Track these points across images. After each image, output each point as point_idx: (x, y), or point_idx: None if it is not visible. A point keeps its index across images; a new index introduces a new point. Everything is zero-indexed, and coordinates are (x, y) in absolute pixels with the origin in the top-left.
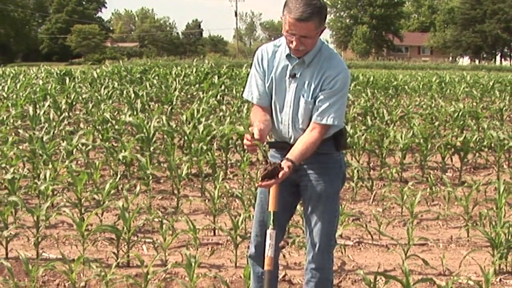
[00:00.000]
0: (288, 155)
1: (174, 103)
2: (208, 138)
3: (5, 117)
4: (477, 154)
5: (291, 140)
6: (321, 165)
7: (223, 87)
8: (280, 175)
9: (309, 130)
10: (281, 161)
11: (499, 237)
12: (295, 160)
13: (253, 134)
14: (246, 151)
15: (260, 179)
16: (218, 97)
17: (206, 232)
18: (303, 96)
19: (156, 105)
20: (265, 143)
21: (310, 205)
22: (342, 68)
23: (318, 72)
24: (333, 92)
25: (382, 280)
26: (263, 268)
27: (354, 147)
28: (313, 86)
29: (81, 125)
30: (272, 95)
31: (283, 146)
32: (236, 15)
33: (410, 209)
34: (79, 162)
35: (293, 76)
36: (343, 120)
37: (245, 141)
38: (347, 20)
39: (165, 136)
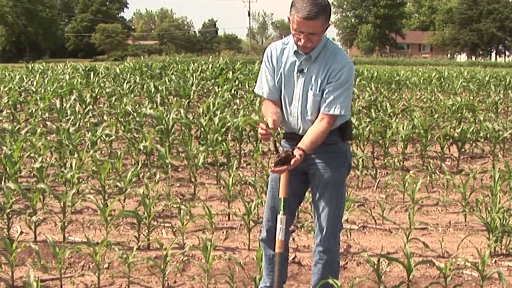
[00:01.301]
0: (300, 144)
1: (191, 97)
2: (223, 129)
3: (33, 110)
4: (473, 144)
5: (300, 131)
6: (328, 154)
7: (237, 82)
8: (292, 162)
9: (318, 121)
10: (293, 149)
11: (495, 222)
12: (306, 148)
13: (267, 124)
14: (258, 142)
15: (273, 165)
16: (232, 91)
17: (221, 217)
18: (311, 89)
19: (175, 98)
20: (269, 140)
21: (318, 191)
22: (347, 61)
23: (324, 66)
24: (339, 84)
25: (385, 262)
26: (274, 250)
27: (359, 137)
28: (320, 80)
29: (105, 117)
30: (281, 89)
31: (292, 137)
32: (249, 14)
33: (411, 196)
34: (102, 152)
35: (301, 71)
36: (349, 110)
37: (260, 130)
38: (353, 20)
39: (183, 128)
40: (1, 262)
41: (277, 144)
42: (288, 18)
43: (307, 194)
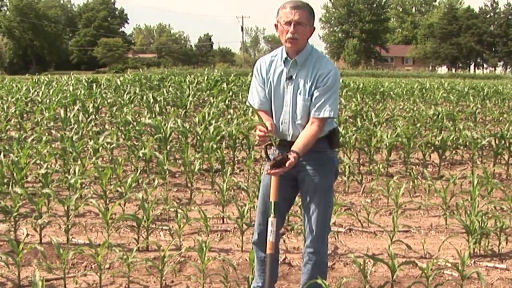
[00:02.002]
0: (293, 147)
1: (187, 107)
2: (218, 137)
3: (39, 119)
4: (453, 152)
5: (290, 137)
6: (317, 161)
7: (230, 93)
8: (287, 164)
9: (309, 125)
10: (287, 153)
11: (474, 225)
12: (299, 151)
13: (267, 127)
14: (251, 149)
15: (269, 167)
16: (227, 101)
17: (216, 221)
18: (300, 94)
19: (172, 108)
20: (266, 142)
21: (308, 196)
22: (332, 66)
23: (311, 72)
24: (327, 88)
25: (371, 263)
26: (265, 253)
27: (346, 145)
28: (308, 85)
29: (106, 126)
30: (271, 99)
31: (283, 144)
32: (242, 29)
33: (395, 200)
34: (104, 158)
35: (289, 78)
36: (337, 112)
37: (258, 133)
38: (340, 34)
39: (180, 136)
40: (8, 262)
41: (268, 152)
42: (276, 26)
43: (296, 198)
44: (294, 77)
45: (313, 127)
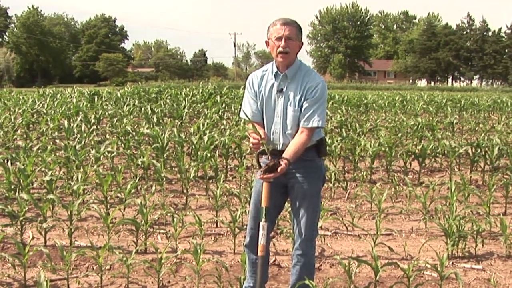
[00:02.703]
0: (284, 155)
1: (183, 118)
2: (212, 146)
3: (44, 129)
4: (433, 160)
5: (280, 146)
6: (306, 169)
7: (224, 105)
8: (279, 170)
9: (298, 134)
10: (279, 159)
11: (452, 228)
12: (290, 158)
13: (260, 135)
14: (243, 158)
15: (262, 173)
16: (220, 113)
17: (210, 225)
18: (290, 106)
19: (169, 119)
20: (259, 149)
21: (297, 202)
22: (320, 79)
23: (300, 85)
24: (315, 100)
25: (355, 264)
26: (256, 255)
27: (332, 154)
28: (298, 97)
29: (107, 136)
30: (263, 111)
31: (273, 152)
32: (234, 45)
33: (378, 205)
34: (105, 166)
35: (280, 91)
36: (325, 122)
37: (252, 140)
38: (326, 50)
39: (176, 145)
40: (15, 264)
41: (260, 160)
42: (266, 43)
43: (286, 204)
44: (284, 90)
45: (302, 136)
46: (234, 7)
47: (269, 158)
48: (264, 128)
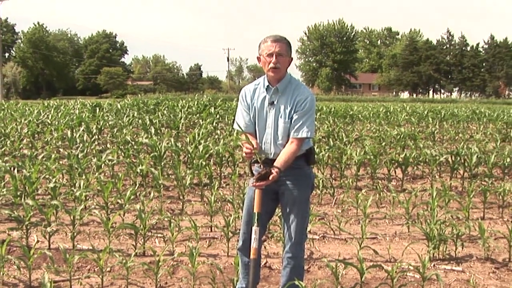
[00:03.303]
0: (275, 163)
1: (180, 128)
2: (206, 155)
3: (49, 139)
4: (415, 167)
5: (272, 155)
6: (296, 177)
7: (218, 116)
8: (271, 177)
9: (289, 144)
10: (270, 168)
11: (433, 232)
12: (281, 166)
13: (253, 145)
14: (236, 166)
15: (255, 180)
16: (214, 123)
17: (205, 229)
18: (281, 117)
19: (166, 129)
20: (252, 158)
21: (287, 207)
22: (309, 93)
23: (291, 98)
24: (305, 112)
25: (342, 266)
26: (249, 258)
27: (320, 162)
28: (288, 110)
29: (108, 145)
30: (255, 122)
31: (265, 161)
32: (228, 60)
33: (363, 211)
34: (106, 174)
35: (271, 103)
36: (314, 133)
37: (245, 150)
38: (314, 64)
39: (173, 154)
40: (20, 266)
41: (252, 168)
42: (258, 59)
43: (276, 210)
44: (275, 102)
45: (292, 146)
46: (228, 24)
47: (261, 166)
48: (256, 139)
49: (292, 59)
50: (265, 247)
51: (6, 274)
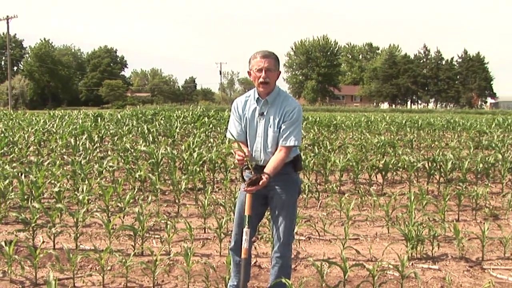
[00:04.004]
0: (265, 170)
1: (175, 137)
2: (200, 162)
3: (54, 146)
4: (394, 173)
5: (262, 162)
6: (284, 182)
7: (211, 126)
8: (261, 183)
9: (277, 152)
10: (261, 174)
11: (411, 233)
12: (270, 172)
13: (244, 153)
14: (227, 172)
15: (246, 185)
16: (207, 132)
17: (199, 230)
18: (270, 127)
19: (163, 138)
20: (243, 165)
21: (276, 211)
22: (296, 104)
23: (279, 109)
24: (292, 122)
25: (326, 265)
26: (240, 257)
27: (306, 168)
28: (277, 120)
29: (109, 152)
30: (246, 131)
31: (255, 168)
32: (220, 73)
33: (346, 213)
34: (107, 179)
35: (261, 114)
36: (301, 141)
37: (237, 157)
38: (300, 77)
39: (169, 161)
40: (26, 265)
41: (243, 174)
42: (249, 73)
43: (266, 213)
44: (265, 113)
45: (281, 153)
46: (221, 39)
47: (252, 172)
48: (247, 147)
49: (280, 72)
50: (255, 248)
51: (14, 272)
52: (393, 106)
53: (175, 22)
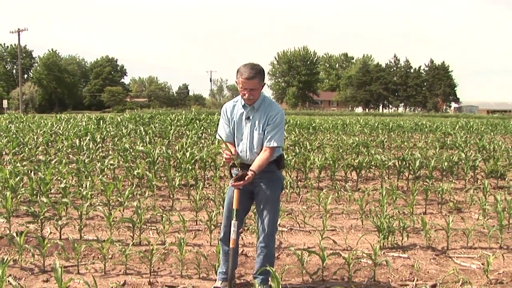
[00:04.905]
0: (251, 167)
1: (170, 138)
2: (192, 161)
3: (60, 147)
4: (368, 170)
5: (248, 161)
6: (268, 179)
7: (202, 128)
8: (246, 178)
9: (262, 152)
10: (247, 171)
11: (383, 225)
12: (255, 170)
13: (231, 151)
14: (217, 170)
15: (233, 181)
16: (199, 134)
17: (191, 223)
18: (256, 130)
19: (159, 139)
20: (231, 163)
21: (261, 205)
22: (279, 109)
23: (264, 114)
24: (275, 125)
25: (306, 254)
26: (228, 247)
27: (288, 166)
28: (262, 123)
29: (110, 152)
30: (234, 133)
31: (243, 166)
32: (211, 80)
33: (324, 207)
34: (108, 176)
35: (248, 118)
36: (283, 142)
37: (225, 156)
38: (282, 84)
39: (164, 159)
40: (35, 253)
41: (231, 171)
42: (236, 82)
43: (252, 207)
44: (251, 117)
45: (265, 153)
46: (211, 49)
47: (239, 170)
48: (235, 147)
49: (264, 84)
50: (242, 238)
51: (24, 260)
52: (367, 110)
53: (171, 35)
